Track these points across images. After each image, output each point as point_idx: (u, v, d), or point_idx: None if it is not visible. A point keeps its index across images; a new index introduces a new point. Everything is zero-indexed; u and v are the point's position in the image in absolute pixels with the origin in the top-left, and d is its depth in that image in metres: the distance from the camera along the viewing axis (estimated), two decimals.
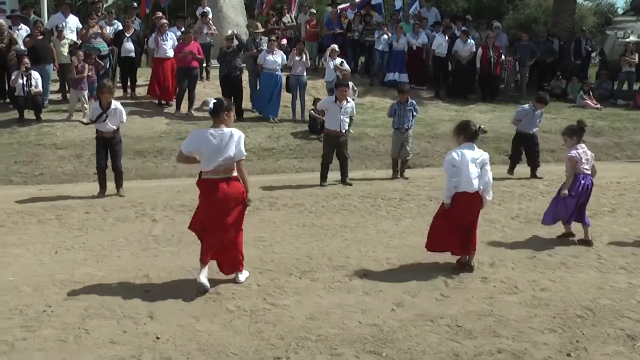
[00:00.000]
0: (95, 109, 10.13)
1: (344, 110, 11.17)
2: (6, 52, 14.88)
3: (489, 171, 7.04)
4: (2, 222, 8.62)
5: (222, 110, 6.41)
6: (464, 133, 7.07)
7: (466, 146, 7.01)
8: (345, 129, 11.46)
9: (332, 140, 11.27)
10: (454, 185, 6.91)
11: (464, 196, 6.94)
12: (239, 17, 20.53)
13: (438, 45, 18.91)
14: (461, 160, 6.90)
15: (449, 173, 6.97)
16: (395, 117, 12.17)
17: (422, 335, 5.54)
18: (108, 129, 10.11)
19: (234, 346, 5.28)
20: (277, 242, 8.00)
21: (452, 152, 7.05)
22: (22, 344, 5.23)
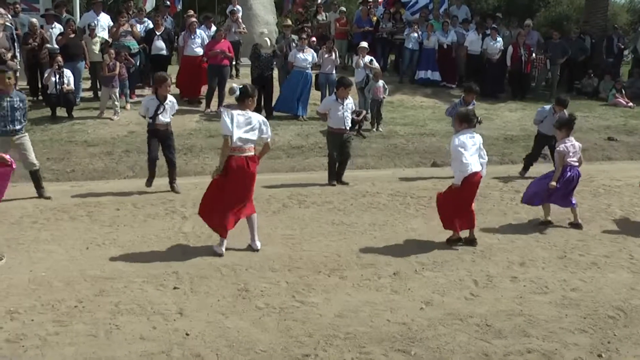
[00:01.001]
0: (152, 100, 10.11)
1: (346, 107, 11.10)
2: (39, 51, 15.08)
3: (484, 150, 8.08)
4: (35, 218, 8.72)
5: (247, 96, 7.42)
6: (466, 122, 7.97)
7: (467, 131, 7.91)
8: (349, 126, 11.39)
9: (337, 139, 11.19)
10: (467, 168, 7.67)
11: (472, 176, 7.74)
12: (268, 15, 20.55)
13: (470, 42, 18.79)
14: (467, 144, 7.77)
15: (460, 156, 7.70)
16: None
17: (451, 334, 5.51)
18: (162, 122, 10.11)
19: (263, 343, 5.30)
20: (306, 240, 8.01)
21: (457, 136, 7.88)
22: (54, 338, 5.30)
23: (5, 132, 9.48)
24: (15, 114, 9.46)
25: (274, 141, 14.09)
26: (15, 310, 5.76)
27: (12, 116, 9.45)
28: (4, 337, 5.27)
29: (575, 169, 8.82)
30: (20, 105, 9.52)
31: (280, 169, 12.79)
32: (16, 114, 9.48)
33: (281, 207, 9.49)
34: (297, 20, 19.22)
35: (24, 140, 9.72)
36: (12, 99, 9.44)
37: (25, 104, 9.66)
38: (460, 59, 19.48)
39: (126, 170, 12.13)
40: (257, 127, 7.38)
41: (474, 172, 7.73)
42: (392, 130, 15.22)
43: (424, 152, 14.00)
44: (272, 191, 10.42)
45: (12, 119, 9.46)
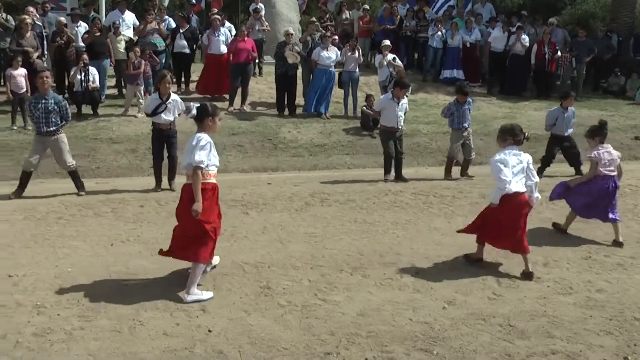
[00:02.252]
0: (154, 99, 10.12)
1: (400, 107, 11.22)
2: (65, 49, 15.23)
3: (534, 171, 7.06)
4: (61, 214, 8.81)
5: (205, 116, 6.29)
6: (511, 137, 7.05)
7: (511, 148, 7.00)
8: (402, 125, 11.47)
9: (390, 136, 11.32)
10: (506, 185, 6.76)
11: (514, 197, 6.83)
12: (292, 13, 20.57)
13: (494, 39, 18.68)
14: (509, 161, 6.87)
15: (498, 172, 6.82)
16: (453, 117, 11.75)
17: (474, 334, 5.49)
18: (165, 121, 10.13)
19: (285, 341, 5.31)
20: (329, 238, 8.02)
21: (499, 153, 7.00)
22: (79, 333, 5.36)
23: (40, 132, 9.69)
24: (50, 116, 9.61)
25: (296, 139, 14.15)
26: (42, 305, 5.83)
27: (46, 118, 9.62)
28: (31, 330, 5.34)
29: (612, 179, 8.11)
30: (55, 108, 9.65)
31: (302, 167, 12.82)
32: (51, 116, 9.62)
33: (304, 205, 9.51)
34: (320, 18, 19.21)
35: (59, 141, 9.85)
36: (48, 101, 9.61)
37: (61, 106, 9.76)
38: (484, 57, 19.38)
39: (150, 168, 12.19)
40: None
41: (515, 192, 6.80)
42: (415, 128, 15.20)
43: (446, 151, 13.93)
44: (295, 189, 10.45)
45: (46, 121, 9.63)
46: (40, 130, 9.68)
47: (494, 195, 6.90)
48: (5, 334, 5.28)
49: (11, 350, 5.03)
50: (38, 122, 9.66)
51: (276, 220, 8.72)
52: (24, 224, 8.36)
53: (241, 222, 8.62)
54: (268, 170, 12.48)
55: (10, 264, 6.86)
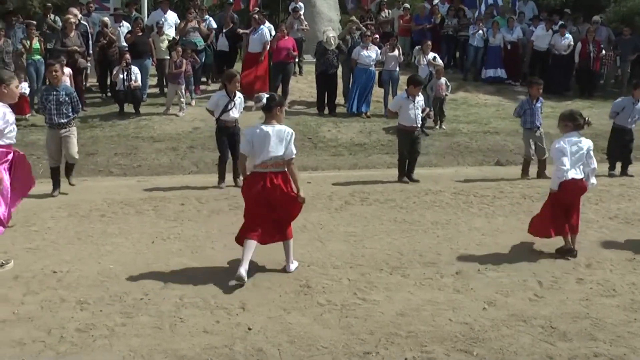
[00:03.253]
0: (222, 96, 10.18)
1: (417, 105, 11.05)
2: (108, 49, 15.46)
3: (593, 158, 7.41)
4: (103, 212, 8.94)
5: (274, 105, 6.55)
6: (571, 123, 7.40)
7: (572, 135, 7.35)
8: (420, 123, 11.34)
9: (408, 136, 11.15)
10: (564, 174, 7.21)
11: (572, 183, 7.26)
12: (332, 12, 20.58)
13: (537, 37, 18.46)
14: (569, 148, 7.25)
15: (559, 161, 7.25)
16: (526, 116, 11.43)
17: (515, 336, 5.44)
18: (231, 118, 10.19)
19: (324, 340, 5.32)
20: (368, 237, 8.01)
21: (559, 140, 7.36)
22: (121, 329, 5.43)
23: (52, 125, 9.79)
24: (61, 107, 9.70)
25: (336, 138, 14.16)
26: (85, 301, 5.92)
27: (57, 110, 9.70)
28: (74, 326, 5.43)
29: None
30: (66, 100, 9.72)
31: (342, 166, 12.81)
32: (62, 108, 9.70)
33: (343, 204, 9.51)
34: (361, 17, 19.19)
35: (69, 134, 9.92)
36: (59, 92, 9.70)
37: (72, 97, 9.82)
38: (526, 56, 19.18)
39: (190, 166, 12.33)
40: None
41: (573, 178, 7.23)
42: (455, 128, 15.11)
43: (487, 151, 13.85)
44: (335, 188, 10.46)
45: (58, 113, 9.71)
46: (52, 122, 9.76)
47: (552, 181, 7.40)
48: (50, 328, 5.38)
49: (56, 345, 5.12)
50: (50, 114, 9.74)
51: (316, 219, 8.73)
52: (68, 221, 8.50)
53: None
54: (308, 169, 12.50)
55: (54, 260, 6.98)
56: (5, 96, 6.44)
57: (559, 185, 7.28)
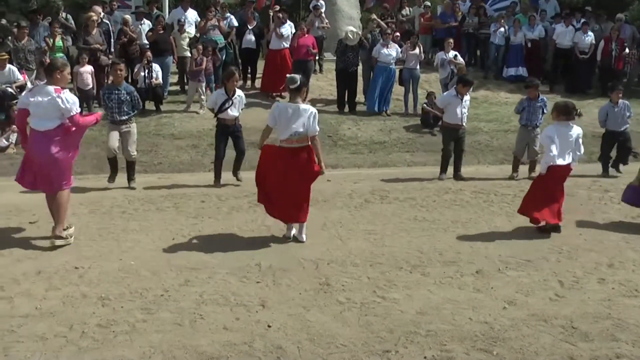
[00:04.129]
0: (221, 95, 10.23)
1: (464, 104, 11.06)
2: (129, 46, 15.55)
3: (581, 145, 8.18)
4: (124, 209, 9.00)
5: (302, 85, 7.51)
6: (563, 113, 8.06)
7: (564, 124, 8.05)
8: (465, 122, 11.34)
9: (453, 133, 11.18)
10: (552, 159, 7.88)
11: (559, 168, 7.96)
12: (352, 10, 20.54)
13: (559, 35, 18.31)
14: (558, 135, 7.92)
15: (547, 147, 7.97)
16: (524, 113, 11.55)
17: (535, 336, 5.41)
18: (230, 116, 10.24)
19: (344, 337, 5.32)
20: (388, 236, 7.99)
21: (550, 128, 8.11)
22: (142, 325, 5.47)
23: (113, 121, 10.04)
24: (122, 106, 9.94)
25: (356, 136, 14.15)
26: (106, 297, 5.97)
27: (119, 108, 9.94)
28: (95, 321, 5.48)
29: None
30: (127, 99, 9.96)
31: (362, 164, 12.80)
32: (123, 106, 9.94)
33: (363, 202, 9.50)
34: (381, 15, 19.14)
35: (129, 130, 10.16)
36: (121, 91, 9.94)
37: (133, 97, 10.06)
38: (547, 54, 19.03)
39: (210, 164, 12.35)
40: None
41: (559, 165, 7.94)
42: (475, 126, 15.04)
43: (508, 149, 13.74)
44: (355, 186, 10.45)
45: (119, 110, 9.96)
46: (114, 119, 10.02)
47: (541, 166, 8.13)
48: (71, 324, 5.43)
49: (77, 340, 5.17)
50: (111, 112, 10.00)
51: (336, 217, 8.73)
52: (90, 218, 8.56)
53: None
54: (328, 167, 12.38)
55: (76, 256, 7.04)
56: (59, 81, 7.21)
57: (546, 169, 7.96)
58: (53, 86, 7.13)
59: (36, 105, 7.11)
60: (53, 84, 7.17)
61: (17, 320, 5.47)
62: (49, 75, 7.37)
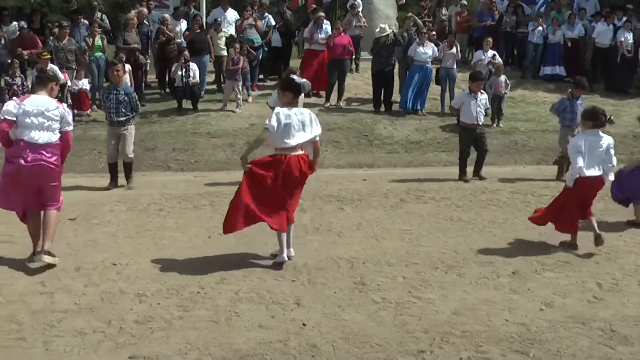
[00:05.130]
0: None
1: (479, 102, 10.91)
2: (167, 45, 15.71)
3: (613, 155, 7.49)
4: (162, 206, 9.09)
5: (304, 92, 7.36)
6: (592, 120, 7.42)
7: (592, 132, 7.41)
8: (482, 121, 11.18)
9: (469, 134, 11.03)
10: (578, 171, 7.29)
11: (587, 180, 7.35)
12: (389, 9, 20.45)
13: (599, 34, 18.03)
14: (585, 146, 7.31)
15: (573, 159, 7.40)
16: (566, 113, 11.14)
17: (573, 338, 5.34)
18: None
19: (378, 337, 5.31)
20: (424, 236, 7.96)
21: (577, 138, 7.61)
22: (178, 322, 5.52)
23: (111, 122, 10.14)
24: (119, 106, 10.00)
25: (392, 136, 14.11)
26: (143, 294, 6.04)
27: (116, 109, 10.02)
28: (133, 318, 5.55)
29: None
30: (125, 99, 10.01)
31: (398, 164, 12.76)
32: (120, 107, 10.00)
33: (399, 202, 9.48)
34: (418, 14, 19.06)
35: (127, 132, 10.20)
36: (119, 92, 10.01)
37: (131, 98, 10.11)
38: (587, 53, 18.76)
39: None
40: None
41: (589, 176, 7.31)
42: (512, 126, 14.90)
43: (545, 149, 13.60)
44: (390, 186, 10.43)
45: (116, 111, 10.03)
46: (112, 120, 10.10)
47: (568, 178, 7.57)
48: (109, 319, 5.51)
49: (115, 336, 5.24)
50: (109, 112, 10.10)
51: (371, 216, 8.72)
52: (127, 215, 8.67)
53: (336, 217, 8.66)
54: (363, 166, 12.49)
55: (114, 252, 7.14)
56: (53, 93, 6.80)
57: (574, 182, 7.38)
58: (46, 96, 6.68)
59: (35, 115, 6.50)
60: (49, 95, 6.72)
61: (57, 315, 5.57)
62: (43, 85, 6.79)
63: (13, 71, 13.90)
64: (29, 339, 5.18)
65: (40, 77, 7.03)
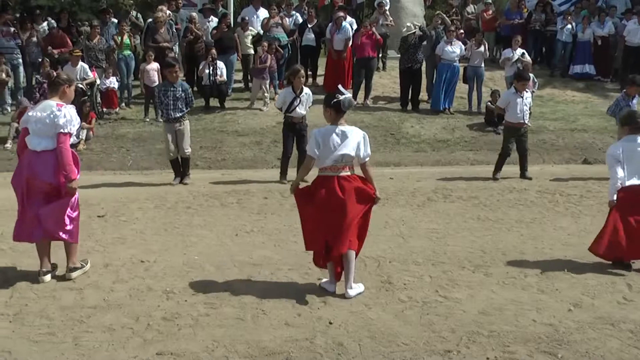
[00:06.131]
0: (289, 93, 10.25)
1: (525, 101, 10.87)
2: (194, 44, 15.80)
3: None
4: (189, 204, 9.15)
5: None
6: (629, 125, 6.99)
7: (630, 138, 6.92)
8: (527, 120, 11.12)
9: (514, 132, 10.99)
10: (619, 182, 6.79)
11: (632, 189, 6.80)
12: (416, 7, 20.40)
13: (629, 32, 17.80)
14: (624, 153, 6.82)
15: (612, 169, 6.88)
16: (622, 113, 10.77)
17: (602, 339, 5.28)
18: (298, 114, 10.27)
19: (405, 336, 5.30)
20: (451, 235, 7.93)
21: (613, 146, 7.03)
22: (205, 319, 5.55)
23: (168, 119, 10.24)
24: (177, 102, 10.15)
25: (419, 134, 14.07)
26: (171, 291, 6.08)
27: (174, 105, 10.17)
28: (160, 315, 5.58)
29: None
30: (182, 95, 10.19)
31: (425, 163, 12.73)
32: (178, 103, 10.15)
33: (426, 201, 9.45)
34: (446, 12, 18.97)
35: (183, 127, 10.34)
36: (176, 89, 10.17)
37: (187, 94, 10.30)
38: (618, 51, 18.54)
39: (274, 160, 12.46)
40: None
41: (630, 185, 6.77)
42: (541, 125, 14.79)
43: (574, 149, 13.51)
44: (417, 184, 10.40)
45: (174, 108, 10.17)
46: (169, 117, 10.23)
47: (609, 192, 6.94)
48: (137, 316, 5.55)
49: (143, 332, 5.28)
50: (167, 109, 10.21)
51: (398, 215, 8.71)
52: (155, 212, 8.74)
53: None
54: (390, 164, 12.47)
55: (142, 250, 7.20)
56: (65, 96, 6.33)
57: (616, 195, 6.80)
58: (56, 101, 6.19)
59: (35, 121, 6.09)
60: (58, 99, 6.25)
61: (86, 311, 5.62)
62: (54, 89, 6.35)
63: (44, 70, 14.12)
64: (59, 334, 5.24)
65: (51, 82, 6.56)
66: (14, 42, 14.87)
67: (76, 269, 6.42)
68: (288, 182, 10.39)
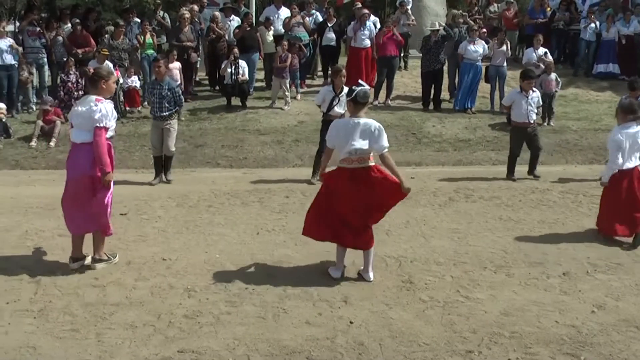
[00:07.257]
0: (329, 92, 10.16)
1: (530, 101, 10.75)
2: (217, 43, 15.86)
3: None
4: (210, 203, 9.18)
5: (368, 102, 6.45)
6: (630, 114, 7.60)
7: (630, 125, 7.57)
8: (534, 119, 11.00)
9: (521, 133, 10.87)
10: (615, 168, 7.52)
11: (624, 173, 7.54)
12: (438, 6, 20.32)
13: None
14: (625, 139, 7.49)
15: (613, 154, 7.56)
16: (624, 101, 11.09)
17: (626, 342, 5.24)
18: (337, 113, 10.12)
19: (426, 336, 5.29)
20: (472, 235, 7.89)
21: (617, 132, 7.62)
22: (226, 317, 5.58)
23: (155, 117, 10.34)
24: (162, 101, 10.18)
25: (441, 134, 14.02)
26: (192, 289, 6.12)
27: (159, 103, 10.21)
28: (182, 312, 5.62)
29: None
30: (168, 94, 10.20)
31: (446, 162, 12.67)
32: (163, 102, 10.18)
33: (447, 201, 9.41)
34: (468, 11, 18.88)
35: (169, 126, 10.38)
36: (162, 87, 10.20)
37: (174, 93, 10.28)
38: None
39: (295, 159, 12.48)
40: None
41: (627, 169, 7.54)
42: (564, 125, 14.67)
43: (598, 149, 13.35)
44: (439, 184, 10.36)
45: (160, 106, 10.23)
46: (155, 115, 10.30)
47: (604, 175, 7.75)
48: (159, 313, 5.59)
49: (165, 330, 5.32)
50: (153, 107, 10.31)
51: (419, 214, 8.68)
52: (177, 211, 8.78)
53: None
54: (411, 164, 12.43)
55: (164, 248, 7.25)
56: (104, 91, 6.58)
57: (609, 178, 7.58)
58: (95, 95, 6.48)
59: (76, 115, 6.47)
60: (97, 94, 6.50)
61: (108, 308, 5.68)
62: (93, 84, 6.61)
63: (68, 69, 14.26)
64: (82, 330, 5.29)
65: (89, 78, 6.94)
66: (39, 41, 15.00)
67: (102, 260, 6.64)
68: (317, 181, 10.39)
